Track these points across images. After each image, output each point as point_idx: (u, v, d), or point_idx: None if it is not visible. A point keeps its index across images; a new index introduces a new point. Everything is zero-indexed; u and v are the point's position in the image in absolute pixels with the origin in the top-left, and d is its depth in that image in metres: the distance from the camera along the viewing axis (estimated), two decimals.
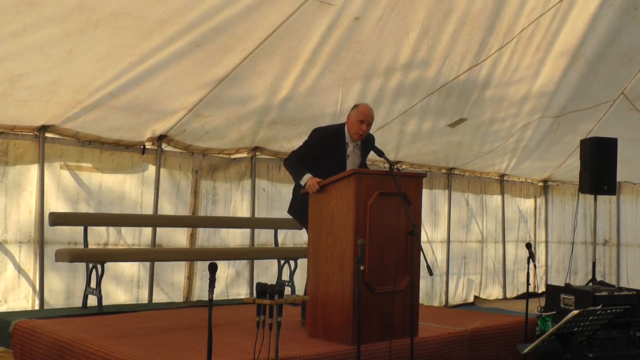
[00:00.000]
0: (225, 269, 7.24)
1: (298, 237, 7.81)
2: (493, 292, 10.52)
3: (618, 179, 7.35)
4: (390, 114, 7.51)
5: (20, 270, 5.93)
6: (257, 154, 7.50)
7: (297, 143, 7.43)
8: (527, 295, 5.22)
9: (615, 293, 5.82)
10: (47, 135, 5.98)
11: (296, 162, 4.72)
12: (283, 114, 6.86)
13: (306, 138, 4.86)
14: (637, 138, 8.48)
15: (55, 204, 6.09)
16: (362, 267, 3.70)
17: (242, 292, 7.37)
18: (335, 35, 6.03)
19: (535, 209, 11.28)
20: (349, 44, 6.19)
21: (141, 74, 5.59)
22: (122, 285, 6.56)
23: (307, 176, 4.55)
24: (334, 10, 5.72)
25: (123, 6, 4.86)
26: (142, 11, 4.96)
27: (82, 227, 6.03)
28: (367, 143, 4.86)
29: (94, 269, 5.74)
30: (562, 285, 6.29)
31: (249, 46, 5.77)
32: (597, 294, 5.69)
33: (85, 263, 5.85)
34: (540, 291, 8.86)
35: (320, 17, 5.75)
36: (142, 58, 5.42)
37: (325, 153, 4.73)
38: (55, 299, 6.10)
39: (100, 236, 6.41)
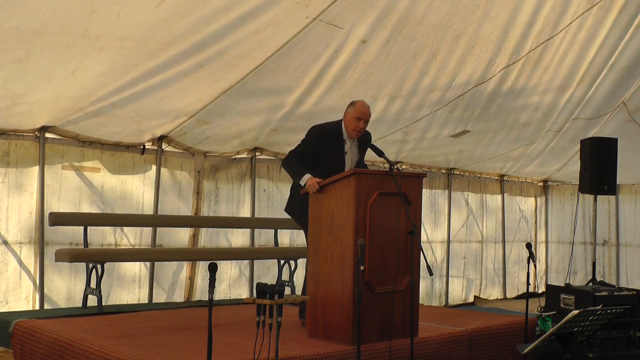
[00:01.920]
0: (227, 269, 7.24)
1: (299, 238, 7.82)
2: (493, 292, 10.52)
3: (617, 182, 7.36)
4: (394, 126, 7.55)
5: (21, 270, 5.94)
6: (257, 154, 7.50)
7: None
8: (527, 295, 5.22)
9: (615, 293, 5.81)
10: (48, 135, 5.98)
11: (295, 162, 4.70)
12: (285, 123, 6.86)
13: (305, 137, 4.84)
14: (635, 147, 8.49)
15: (57, 205, 6.09)
16: (362, 267, 3.70)
17: (244, 292, 7.38)
18: (342, 57, 6.03)
19: (535, 209, 11.29)
20: (355, 65, 6.18)
21: (143, 89, 5.57)
22: (125, 285, 6.57)
23: (307, 176, 4.52)
24: (341, 32, 5.70)
25: (128, 32, 4.83)
26: (146, 34, 4.94)
27: (83, 228, 6.03)
28: (365, 140, 4.85)
29: (94, 269, 5.74)
30: (562, 285, 6.29)
31: (253, 63, 5.75)
32: (597, 294, 5.69)
33: (85, 263, 5.85)
34: (540, 291, 8.86)
35: (326, 38, 5.73)
36: (145, 75, 5.39)
37: (324, 150, 4.71)
38: (56, 299, 6.10)
39: (104, 237, 6.42)
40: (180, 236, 7.00)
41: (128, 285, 6.59)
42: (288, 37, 5.53)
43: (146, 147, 6.64)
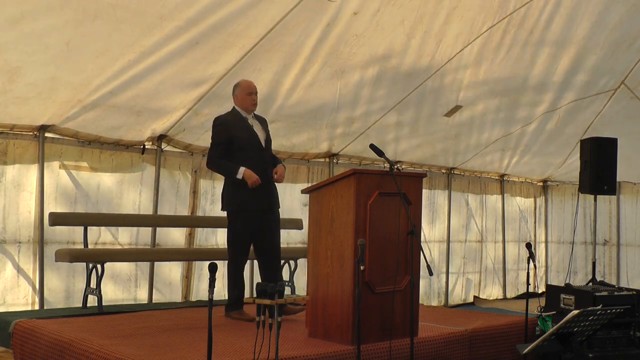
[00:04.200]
0: (222, 268, 7.22)
1: (297, 237, 7.82)
2: (493, 292, 10.52)
3: (618, 179, 7.35)
4: (387, 105, 7.52)
5: (19, 270, 5.93)
6: None
7: (296, 140, 7.50)
8: (527, 295, 5.22)
9: (615, 293, 5.82)
10: (47, 135, 5.97)
11: (220, 161, 5.04)
12: (282, 111, 6.86)
13: (212, 132, 5.14)
14: (637, 130, 8.44)
15: (54, 204, 6.08)
16: (362, 267, 3.70)
17: None
18: (334, 31, 6.05)
19: (535, 209, 11.28)
20: (346, 37, 6.21)
21: (140, 72, 5.59)
22: (120, 284, 6.56)
23: (242, 169, 4.89)
24: (333, 6, 5.74)
25: None
26: (140, 4, 4.96)
27: (80, 227, 6.02)
28: (263, 121, 5.28)
29: (94, 269, 5.73)
30: (562, 285, 6.29)
31: (248, 43, 5.77)
32: (597, 294, 5.69)
33: (85, 263, 5.85)
34: (540, 291, 8.86)
35: (319, 13, 5.76)
36: (141, 56, 5.42)
37: (234, 132, 5.03)
38: (55, 299, 6.09)
39: (98, 236, 6.41)
40: (176, 236, 6.99)
41: (122, 283, 6.58)
42: (281, 11, 5.56)
43: (146, 147, 6.63)
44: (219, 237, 7.25)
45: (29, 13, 4.72)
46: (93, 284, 5.75)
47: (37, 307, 5.90)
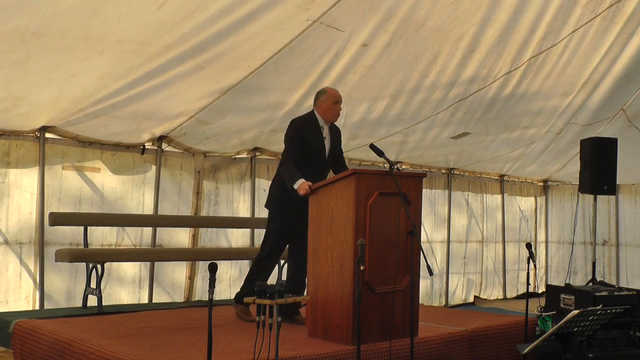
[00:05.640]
0: (227, 269, 7.24)
1: None
2: (493, 292, 10.51)
3: (617, 182, 7.35)
4: (394, 127, 7.57)
5: (21, 271, 5.93)
6: (257, 154, 7.50)
7: None
8: (527, 295, 5.22)
9: (615, 293, 5.82)
10: (48, 136, 5.98)
11: (292, 165, 4.76)
12: (285, 124, 6.85)
13: (287, 133, 4.94)
14: (635, 150, 8.50)
15: (58, 205, 6.09)
16: (362, 267, 3.70)
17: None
18: (342, 60, 6.04)
19: (535, 209, 11.28)
20: (355, 68, 6.19)
21: (143, 91, 5.57)
22: (125, 286, 6.56)
23: (301, 181, 4.59)
24: (342, 36, 5.70)
25: (129, 34, 4.82)
26: (147, 37, 4.94)
27: (83, 228, 6.02)
28: (336, 131, 5.09)
29: (94, 269, 5.74)
30: (562, 285, 6.29)
31: (254, 64, 5.75)
32: (597, 294, 5.69)
33: (85, 263, 5.85)
34: (540, 291, 8.86)
35: (327, 40, 5.73)
36: (145, 76, 5.39)
37: (307, 136, 4.88)
38: (56, 299, 6.10)
39: (104, 237, 6.41)
40: (180, 236, 7.00)
41: (128, 285, 6.59)
42: (288, 39, 5.54)
43: (146, 147, 6.64)
44: (223, 238, 7.26)
45: (35, 56, 4.72)
46: (93, 284, 5.75)
47: (38, 307, 5.90)
